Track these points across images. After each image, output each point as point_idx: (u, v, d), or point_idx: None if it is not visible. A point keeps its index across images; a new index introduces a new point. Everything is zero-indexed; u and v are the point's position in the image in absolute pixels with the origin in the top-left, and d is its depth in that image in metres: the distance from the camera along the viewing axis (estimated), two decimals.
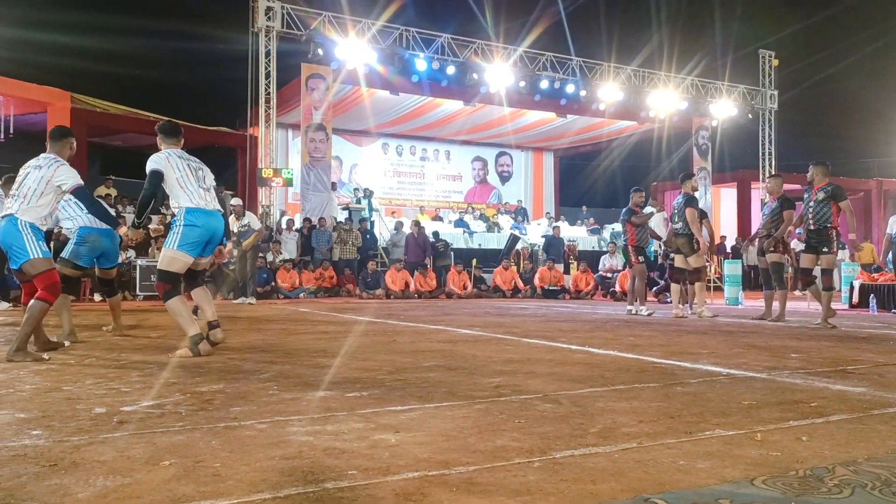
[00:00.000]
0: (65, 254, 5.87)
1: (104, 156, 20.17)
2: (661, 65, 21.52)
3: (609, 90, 20.36)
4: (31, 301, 4.54)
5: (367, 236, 16.17)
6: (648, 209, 9.73)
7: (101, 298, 10.68)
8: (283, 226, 16.32)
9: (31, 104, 16.02)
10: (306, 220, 16.30)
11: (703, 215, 8.97)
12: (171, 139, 4.97)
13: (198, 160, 4.95)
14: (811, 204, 7.55)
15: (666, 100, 21.31)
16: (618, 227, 21.25)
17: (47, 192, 4.57)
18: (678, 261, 9.03)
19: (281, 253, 14.88)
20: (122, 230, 4.82)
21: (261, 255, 13.74)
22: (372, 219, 17.57)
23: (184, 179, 4.70)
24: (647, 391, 3.33)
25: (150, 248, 13.66)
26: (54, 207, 4.76)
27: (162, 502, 1.77)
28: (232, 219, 11.34)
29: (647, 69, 21.32)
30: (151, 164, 4.72)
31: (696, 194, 9.31)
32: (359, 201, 18.30)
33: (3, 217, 4.58)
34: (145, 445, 2.30)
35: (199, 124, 18.79)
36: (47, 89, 15.90)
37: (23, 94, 15.57)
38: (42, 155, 4.74)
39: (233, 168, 19.65)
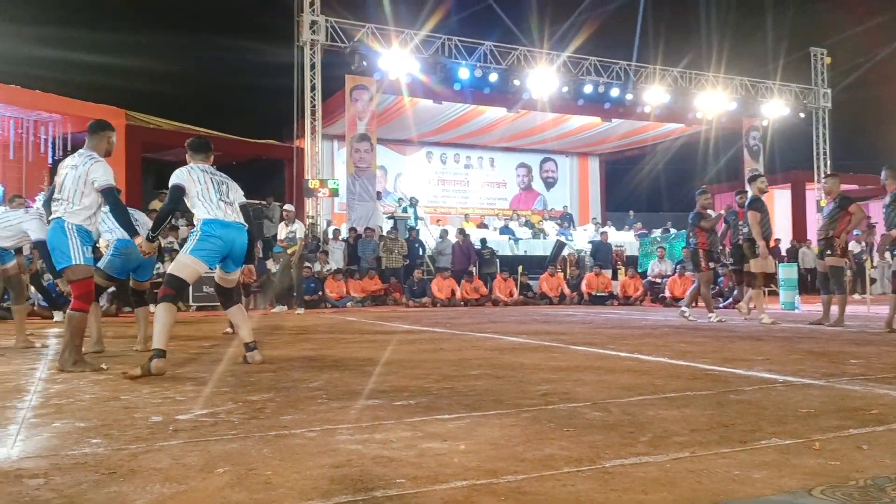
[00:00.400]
0: (100, 264, 5.82)
1: (157, 171, 20.71)
2: (709, 65, 21.20)
3: (655, 93, 20.10)
4: (68, 312, 4.52)
5: (415, 245, 16.25)
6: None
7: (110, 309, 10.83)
8: (330, 236, 16.53)
9: (87, 122, 16.57)
10: (352, 229, 16.48)
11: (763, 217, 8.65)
12: (198, 154, 4.88)
13: (225, 176, 4.88)
14: (884, 209, 7.36)
15: (714, 101, 20.94)
16: (671, 230, 20.97)
17: (87, 192, 4.49)
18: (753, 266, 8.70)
19: (328, 263, 15.05)
20: (138, 240, 4.61)
21: (307, 265, 13.94)
22: (417, 227, 17.65)
23: (203, 193, 4.61)
24: (700, 399, 3.26)
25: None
26: (100, 206, 4.67)
27: None
28: (281, 225, 11.55)
29: (694, 70, 21.00)
30: (173, 178, 4.66)
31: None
32: (405, 210, 18.41)
33: (51, 219, 4.59)
34: (200, 453, 2.34)
35: (247, 137, 19.19)
36: (102, 107, 16.43)
37: (79, 112, 16.14)
38: (78, 152, 4.66)
39: (280, 179, 19.99)
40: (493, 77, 18.42)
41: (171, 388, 3.75)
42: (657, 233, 21.10)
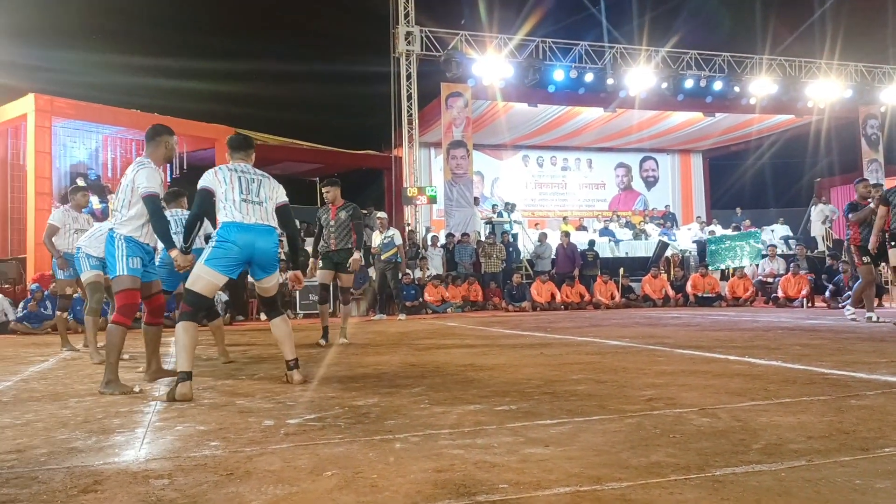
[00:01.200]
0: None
1: None
2: (821, 52, 20.08)
3: (761, 84, 19.24)
4: (107, 326, 4.32)
5: (510, 249, 16.22)
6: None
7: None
8: (429, 242, 16.75)
9: (202, 141, 17.57)
10: (450, 235, 16.63)
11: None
12: (237, 153, 4.52)
13: (263, 174, 4.50)
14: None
15: (827, 89, 19.81)
16: (777, 228, 20.02)
17: (135, 200, 4.30)
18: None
19: (428, 269, 15.25)
20: (174, 253, 4.24)
21: (407, 272, 14.19)
22: (514, 231, 17.62)
23: (227, 193, 4.23)
24: (817, 404, 3.10)
25: (307, 269, 14.44)
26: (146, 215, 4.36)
27: None
28: (375, 233, 11.84)
29: (804, 58, 19.95)
30: (200, 181, 4.34)
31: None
32: (500, 215, 18.42)
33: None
34: (309, 456, 2.44)
35: (347, 149, 19.77)
36: (214, 126, 17.35)
37: (194, 132, 17.10)
38: (137, 158, 4.49)
39: (380, 188, 20.49)
40: (589, 77, 18.16)
41: (282, 394, 3.91)
42: (768, 230, 20.18)
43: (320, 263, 7.42)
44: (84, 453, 2.60)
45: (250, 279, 5.81)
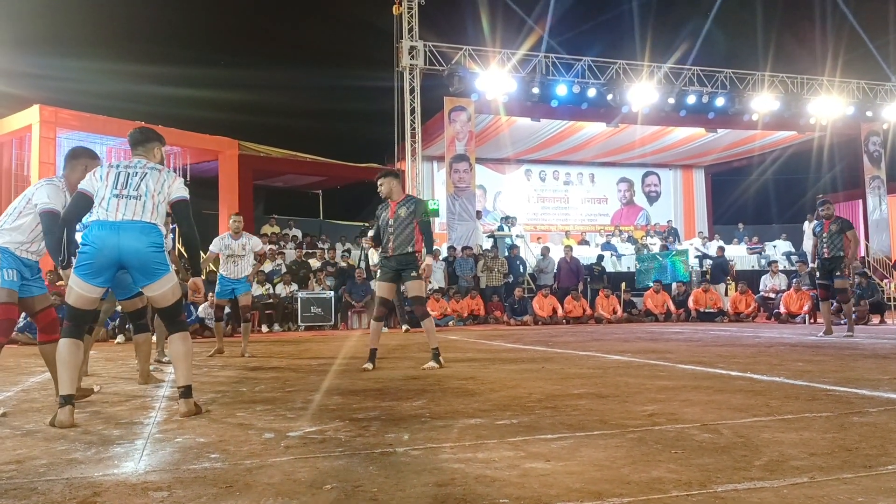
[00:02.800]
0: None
1: (267, 196, 21.74)
2: (822, 69, 20.15)
3: (763, 100, 19.31)
4: None
5: (517, 262, 16.20)
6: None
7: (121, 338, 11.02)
8: None
9: (205, 153, 17.64)
10: (451, 248, 16.64)
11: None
12: (135, 149, 3.99)
13: (154, 166, 3.89)
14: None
15: (829, 106, 19.87)
16: (780, 244, 20.01)
17: (26, 213, 4.07)
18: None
19: (430, 282, 15.24)
20: (68, 272, 3.77)
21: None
22: (516, 245, 17.63)
23: (100, 191, 3.70)
24: (820, 421, 3.09)
25: (309, 282, 14.47)
26: (36, 231, 4.11)
27: None
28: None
29: (806, 75, 20.02)
30: (79, 185, 3.83)
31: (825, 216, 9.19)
32: (500, 228, 18.44)
33: None
34: (309, 469, 2.43)
35: (351, 162, 19.83)
36: (218, 139, 17.43)
37: (197, 144, 17.18)
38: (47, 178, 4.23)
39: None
40: (592, 92, 18.25)
41: (282, 406, 3.90)
42: (770, 245, 20.17)
43: (378, 273, 6.31)
44: (83, 464, 2.59)
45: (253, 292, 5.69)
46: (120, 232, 3.59)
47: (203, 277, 4.10)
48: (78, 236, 3.82)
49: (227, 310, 12.12)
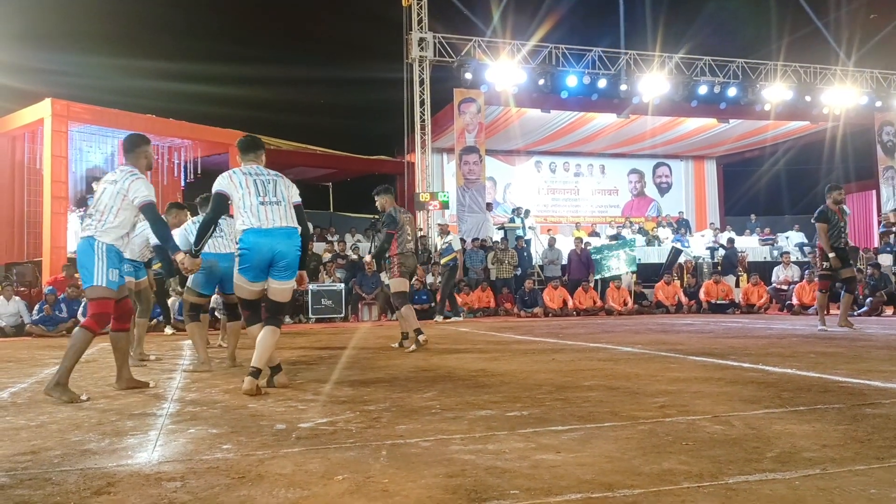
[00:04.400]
0: (189, 282, 5.79)
1: None
2: (836, 59, 19.96)
3: (776, 90, 19.16)
4: (75, 329, 4.24)
5: (525, 255, 16.18)
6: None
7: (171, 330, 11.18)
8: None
9: (215, 146, 17.67)
10: (461, 241, 16.63)
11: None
12: (247, 154, 4.50)
13: (276, 174, 4.47)
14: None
15: (842, 96, 19.69)
16: (792, 235, 19.87)
17: (124, 208, 4.22)
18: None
19: (440, 274, 15.24)
20: (179, 257, 4.23)
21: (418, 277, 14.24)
22: (527, 237, 17.60)
23: (245, 198, 4.24)
24: (832, 413, 3.07)
25: (319, 274, 14.50)
26: (133, 226, 4.38)
27: None
28: (437, 238, 12.12)
29: (819, 65, 19.84)
30: (215, 185, 4.35)
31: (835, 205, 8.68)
32: (512, 220, 18.41)
33: (81, 236, 4.25)
34: (321, 460, 2.44)
35: (360, 154, 19.84)
36: (228, 131, 17.44)
37: (208, 137, 17.22)
38: (118, 167, 4.43)
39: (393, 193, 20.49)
40: (602, 83, 18.16)
41: (294, 398, 3.92)
42: (783, 237, 20.05)
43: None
44: (97, 455, 2.61)
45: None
46: (273, 238, 4.21)
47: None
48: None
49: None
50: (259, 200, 4.23)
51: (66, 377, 4.00)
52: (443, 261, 12.80)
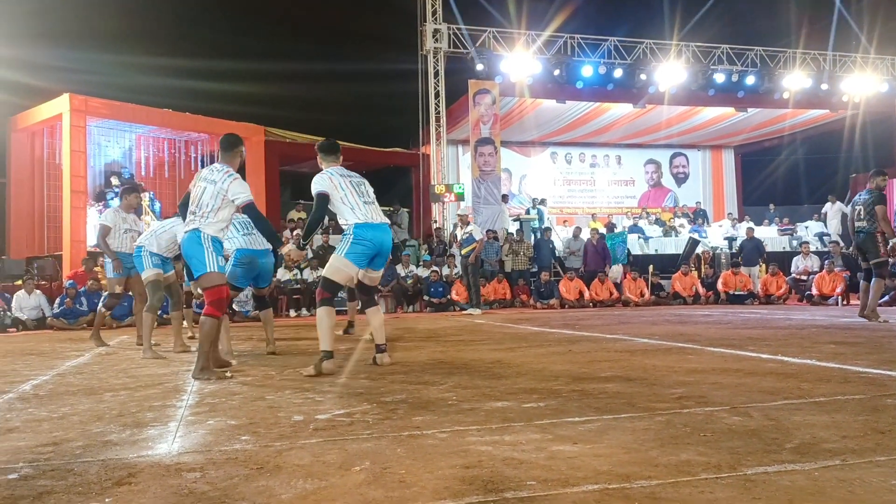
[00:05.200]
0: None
1: (293, 182, 21.86)
2: (856, 46, 19.66)
3: (795, 78, 18.91)
4: (200, 318, 4.64)
5: (551, 246, 16.10)
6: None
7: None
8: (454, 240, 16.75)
9: None
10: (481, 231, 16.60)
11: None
12: (330, 156, 4.99)
13: (358, 175, 4.99)
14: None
15: (862, 83, 19.40)
16: (812, 225, 19.66)
17: (224, 206, 4.59)
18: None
19: (456, 266, 15.25)
20: (285, 249, 4.80)
21: (434, 269, 14.25)
22: (550, 227, 17.54)
23: (347, 197, 4.76)
24: (853, 403, 3.04)
25: None
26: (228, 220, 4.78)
27: None
28: (457, 229, 12.07)
29: (839, 52, 19.56)
30: (316, 186, 4.77)
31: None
32: (528, 212, 18.35)
33: (186, 230, 4.64)
34: (338, 451, 2.46)
35: (375, 147, 19.85)
36: (244, 125, 17.52)
37: (224, 130, 17.17)
38: (214, 167, 4.76)
39: (408, 186, 20.52)
40: (618, 73, 18.01)
41: (311, 390, 3.94)
42: (802, 227, 19.84)
43: None
44: (118, 446, 2.65)
45: (280, 277, 6.20)
46: (381, 232, 4.81)
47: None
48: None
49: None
50: (363, 200, 4.80)
51: (207, 361, 4.52)
52: (464, 251, 12.72)
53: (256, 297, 6.87)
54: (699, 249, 16.91)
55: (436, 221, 17.72)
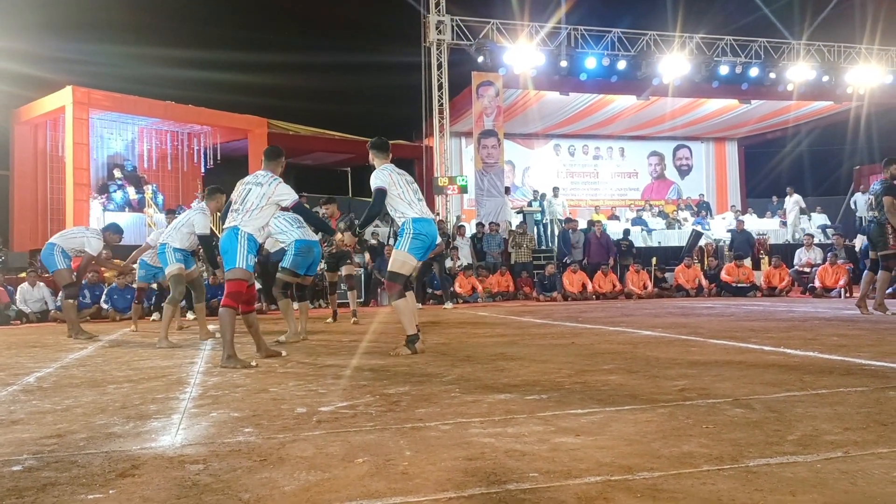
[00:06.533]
0: (285, 263, 6.70)
1: (297, 174, 21.85)
2: (861, 37, 19.57)
3: (799, 70, 18.84)
4: (220, 309, 4.86)
5: (559, 238, 16.07)
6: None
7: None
8: (458, 232, 16.75)
9: (235, 132, 17.76)
10: (479, 224, 16.60)
11: None
12: (382, 154, 5.33)
13: (407, 173, 5.33)
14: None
15: (867, 75, 19.32)
16: (815, 217, 19.60)
17: (267, 206, 4.97)
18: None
19: (459, 259, 15.26)
20: (338, 236, 5.42)
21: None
22: (545, 221, 17.52)
23: (404, 193, 5.12)
24: (855, 396, 3.04)
25: None
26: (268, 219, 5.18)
27: (357, 497, 1.89)
28: None
29: (844, 43, 19.46)
30: (377, 181, 5.10)
31: None
32: (530, 204, 18.34)
33: (226, 227, 4.98)
34: (341, 443, 2.46)
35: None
36: (247, 117, 17.53)
37: (227, 123, 17.31)
38: (259, 172, 5.14)
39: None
40: (622, 65, 17.95)
41: (314, 382, 3.95)
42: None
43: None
44: (122, 438, 2.66)
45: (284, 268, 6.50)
46: (434, 226, 5.21)
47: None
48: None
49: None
50: (417, 197, 5.18)
51: (232, 349, 4.70)
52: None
53: (299, 286, 7.31)
54: (702, 242, 16.90)
55: (438, 214, 17.71)
